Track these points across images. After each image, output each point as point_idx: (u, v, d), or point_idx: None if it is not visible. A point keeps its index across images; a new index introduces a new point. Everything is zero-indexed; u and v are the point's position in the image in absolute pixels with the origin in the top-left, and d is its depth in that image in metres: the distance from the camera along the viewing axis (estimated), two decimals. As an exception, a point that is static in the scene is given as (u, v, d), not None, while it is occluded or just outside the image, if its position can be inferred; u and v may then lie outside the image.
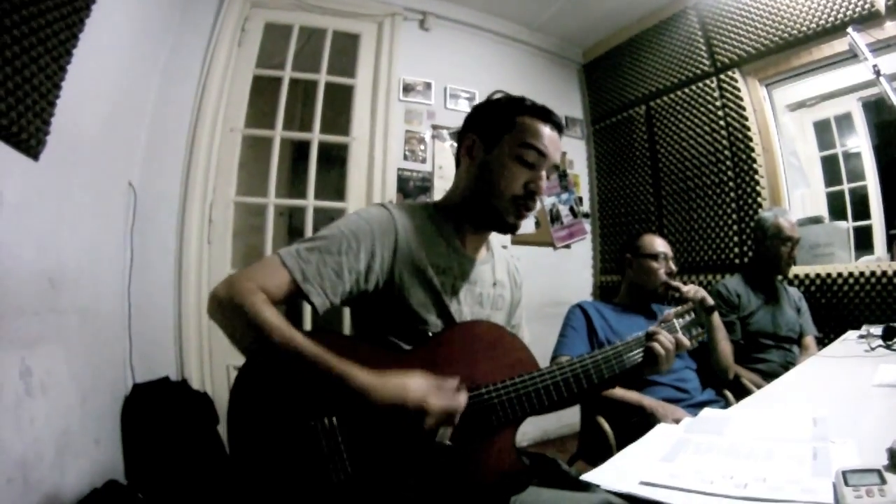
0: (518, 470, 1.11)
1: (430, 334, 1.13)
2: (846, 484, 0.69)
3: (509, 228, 1.22)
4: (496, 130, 1.20)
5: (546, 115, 1.21)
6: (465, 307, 1.22)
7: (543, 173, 1.19)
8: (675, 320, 1.38)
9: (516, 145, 1.18)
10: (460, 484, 1.02)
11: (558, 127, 1.23)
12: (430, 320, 1.16)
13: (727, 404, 1.88)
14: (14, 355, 1.55)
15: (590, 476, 0.91)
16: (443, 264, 1.19)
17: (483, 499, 1.05)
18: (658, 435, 1.10)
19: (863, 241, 3.07)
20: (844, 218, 3.15)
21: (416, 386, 0.92)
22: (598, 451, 1.76)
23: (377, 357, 1.02)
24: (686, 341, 1.30)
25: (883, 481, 0.68)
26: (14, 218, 1.56)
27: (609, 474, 0.90)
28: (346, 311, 1.23)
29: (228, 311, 0.95)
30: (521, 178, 1.17)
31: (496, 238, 1.37)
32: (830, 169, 3.30)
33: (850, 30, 1.97)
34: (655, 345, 1.24)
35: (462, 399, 0.96)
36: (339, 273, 1.05)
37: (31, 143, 1.58)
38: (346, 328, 1.34)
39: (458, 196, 1.26)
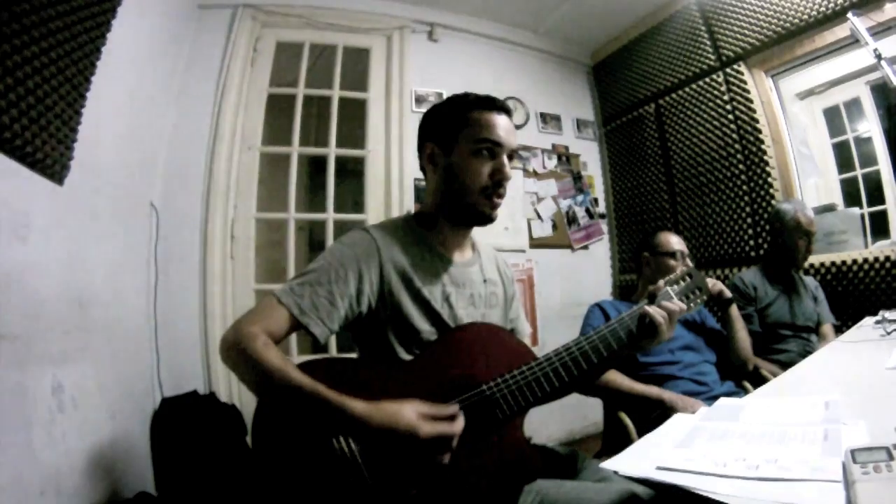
0: (527, 460, 1.14)
1: (428, 342, 1.18)
2: (854, 461, 0.69)
3: (486, 219, 1.26)
4: (449, 133, 1.25)
5: (492, 104, 1.25)
6: (458, 311, 1.25)
7: (504, 159, 1.23)
8: (667, 288, 1.34)
9: (472, 142, 1.22)
10: (474, 478, 1.06)
11: (507, 111, 1.27)
12: (424, 329, 1.20)
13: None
14: (46, 372, 1.60)
15: (608, 464, 0.92)
16: (428, 273, 1.23)
17: (496, 490, 1.08)
18: (674, 424, 1.11)
19: (879, 226, 3.02)
20: (860, 204, 3.10)
21: (406, 413, 0.96)
22: (621, 447, 1.76)
23: (379, 374, 1.10)
24: (679, 307, 1.27)
25: (891, 458, 0.68)
26: (43, 241, 1.62)
27: (626, 461, 0.91)
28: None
29: (234, 357, 1.01)
30: (485, 169, 1.21)
31: (481, 236, 1.41)
32: (843, 155, 3.25)
33: (850, 15, 1.96)
34: (653, 314, 1.22)
35: (458, 425, 0.99)
36: (332, 301, 1.10)
37: (55, 168, 1.64)
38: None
39: (432, 202, 1.30)
